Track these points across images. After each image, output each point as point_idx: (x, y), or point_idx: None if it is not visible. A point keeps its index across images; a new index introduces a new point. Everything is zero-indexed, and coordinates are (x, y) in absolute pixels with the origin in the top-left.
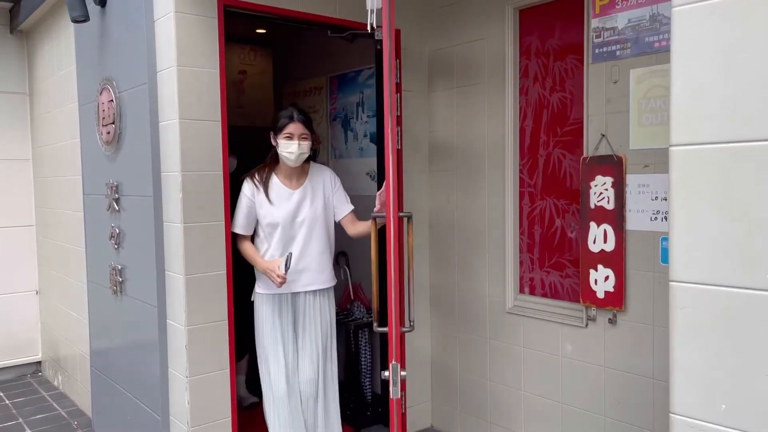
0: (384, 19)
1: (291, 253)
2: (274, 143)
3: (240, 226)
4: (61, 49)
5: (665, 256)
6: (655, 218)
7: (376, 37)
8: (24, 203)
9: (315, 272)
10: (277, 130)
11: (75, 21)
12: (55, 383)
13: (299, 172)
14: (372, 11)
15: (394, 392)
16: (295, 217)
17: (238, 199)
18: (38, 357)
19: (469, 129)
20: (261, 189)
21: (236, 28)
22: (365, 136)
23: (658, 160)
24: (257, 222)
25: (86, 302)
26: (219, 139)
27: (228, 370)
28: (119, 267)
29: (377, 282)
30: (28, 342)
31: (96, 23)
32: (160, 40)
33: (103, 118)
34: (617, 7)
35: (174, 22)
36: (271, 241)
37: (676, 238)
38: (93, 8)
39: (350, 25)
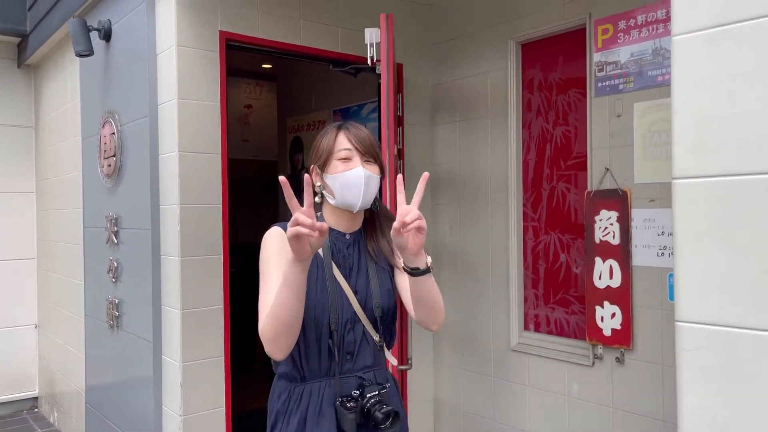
0: (383, 52)
1: None
2: None
3: None
4: (66, 83)
5: (673, 293)
6: (662, 254)
7: (376, 71)
8: (26, 236)
9: None
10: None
11: (79, 55)
12: (51, 420)
13: None
14: (371, 45)
15: None
16: None
17: None
18: (35, 392)
19: (472, 162)
20: None
21: (242, 63)
22: None
23: (664, 195)
24: None
25: (83, 337)
26: (219, 172)
27: (224, 408)
28: (116, 301)
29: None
30: (25, 377)
31: (100, 57)
32: (162, 74)
33: (105, 150)
34: (619, 41)
35: (176, 55)
36: None
37: (681, 275)
38: (98, 43)
39: (352, 59)
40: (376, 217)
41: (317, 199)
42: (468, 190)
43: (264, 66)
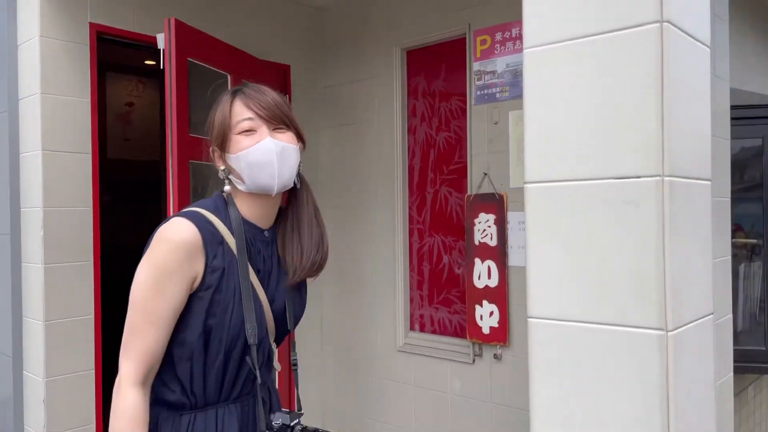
0: (165, 57)
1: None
2: None
3: None
4: None
5: None
6: None
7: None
8: None
9: None
10: None
11: None
12: None
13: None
14: (164, 50)
15: None
16: None
17: None
18: None
19: (358, 166)
20: None
21: (123, 59)
22: None
23: None
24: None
25: None
26: (89, 172)
27: (94, 426)
28: None
29: None
30: None
31: None
32: (24, 66)
33: None
34: (496, 52)
35: (39, 47)
36: None
37: (531, 273)
38: None
39: None
40: (293, 204)
41: (226, 188)
42: (354, 194)
43: (147, 63)
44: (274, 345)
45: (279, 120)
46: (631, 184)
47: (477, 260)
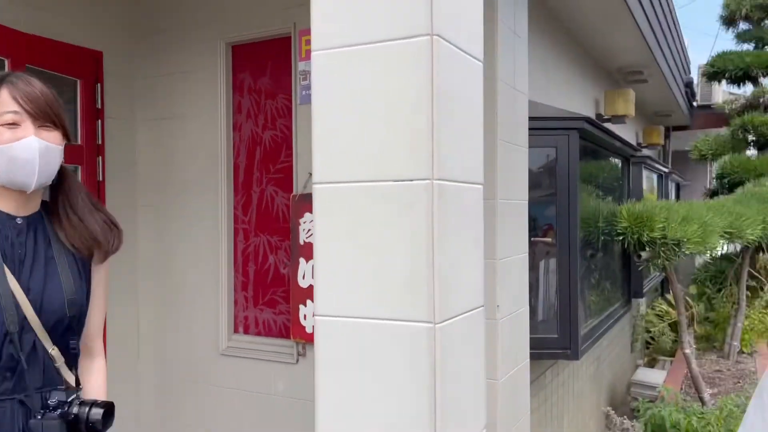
0: None
1: None
2: None
3: None
4: None
5: None
6: None
7: None
8: None
9: None
10: None
11: None
12: None
13: None
14: None
15: None
16: None
17: None
18: None
19: (179, 163)
20: None
21: None
22: None
23: None
24: None
25: None
26: None
27: None
28: None
29: None
30: None
31: None
32: None
33: None
34: None
35: None
36: None
37: (318, 272)
38: None
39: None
40: (61, 191)
41: None
42: (174, 192)
43: None
44: (54, 349)
45: (46, 117)
46: (405, 187)
47: (302, 260)
